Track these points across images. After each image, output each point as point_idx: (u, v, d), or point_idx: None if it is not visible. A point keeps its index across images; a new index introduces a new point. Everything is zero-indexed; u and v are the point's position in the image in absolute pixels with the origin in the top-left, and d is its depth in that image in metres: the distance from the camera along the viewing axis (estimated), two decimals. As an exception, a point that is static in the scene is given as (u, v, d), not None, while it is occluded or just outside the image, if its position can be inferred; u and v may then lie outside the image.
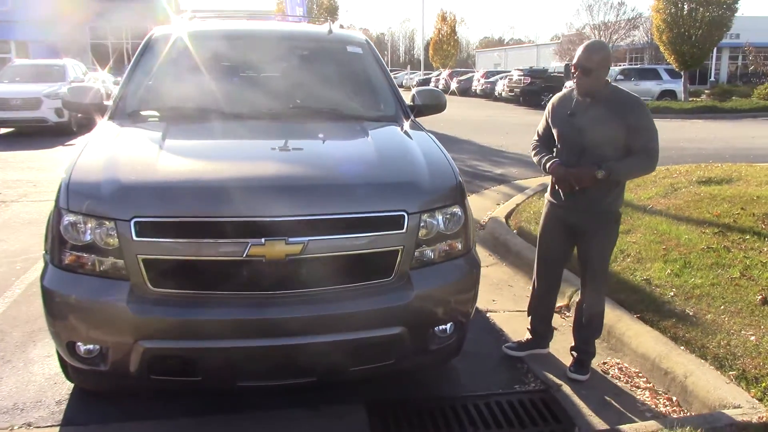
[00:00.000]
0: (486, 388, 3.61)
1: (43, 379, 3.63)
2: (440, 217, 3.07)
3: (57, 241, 2.86)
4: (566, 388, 3.61)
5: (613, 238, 3.61)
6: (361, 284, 2.92)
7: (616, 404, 3.46)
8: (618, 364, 3.88)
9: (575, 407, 3.43)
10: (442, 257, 3.10)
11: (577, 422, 3.30)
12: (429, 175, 3.13)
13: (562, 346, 4.03)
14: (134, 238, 2.71)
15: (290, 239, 2.74)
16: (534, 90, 28.08)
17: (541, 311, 3.88)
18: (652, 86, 26.64)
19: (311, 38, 4.66)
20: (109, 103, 4.05)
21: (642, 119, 3.38)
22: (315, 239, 2.78)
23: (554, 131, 3.57)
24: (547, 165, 3.50)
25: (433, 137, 3.68)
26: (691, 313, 4.05)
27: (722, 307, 4.10)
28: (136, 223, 2.71)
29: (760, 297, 4.15)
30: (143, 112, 3.85)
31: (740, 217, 5.94)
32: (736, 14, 24.10)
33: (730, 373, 3.39)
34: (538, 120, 3.81)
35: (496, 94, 33.13)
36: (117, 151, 3.13)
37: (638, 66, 31.38)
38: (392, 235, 2.92)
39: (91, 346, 2.89)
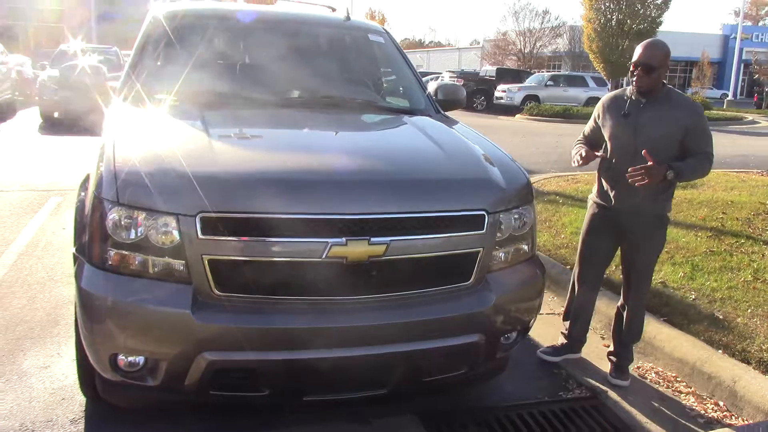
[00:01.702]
0: (532, 395, 3.46)
1: (47, 395, 3.20)
2: (513, 218, 2.89)
3: (98, 238, 2.49)
4: (612, 394, 3.51)
5: (662, 242, 3.54)
6: (440, 289, 2.70)
7: (665, 410, 3.40)
8: (653, 368, 3.83)
9: (628, 414, 3.34)
10: (514, 260, 2.93)
11: (634, 430, 3.20)
12: (501, 173, 2.95)
13: (589, 349, 3.95)
14: (199, 235, 2.38)
15: (373, 239, 2.49)
16: (466, 92, 28.39)
17: (582, 315, 3.77)
18: (580, 93, 27.46)
19: (330, 25, 4.37)
20: (116, 85, 3.66)
21: (701, 122, 3.32)
22: (397, 239, 2.55)
23: (605, 132, 3.46)
24: (582, 152, 3.45)
25: (480, 133, 3.51)
26: (720, 317, 4.05)
27: (749, 310, 4.13)
28: (202, 218, 2.38)
29: (784, 300, 4.22)
30: (160, 96, 3.48)
31: (726, 221, 6.09)
32: (659, 29, 25.22)
33: (779, 377, 3.39)
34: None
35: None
36: (161, 139, 2.76)
37: (567, 73, 32.28)
38: (472, 236, 2.72)
39: (136, 359, 2.54)
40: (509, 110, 25.20)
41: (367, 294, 2.57)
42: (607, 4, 24.41)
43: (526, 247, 2.99)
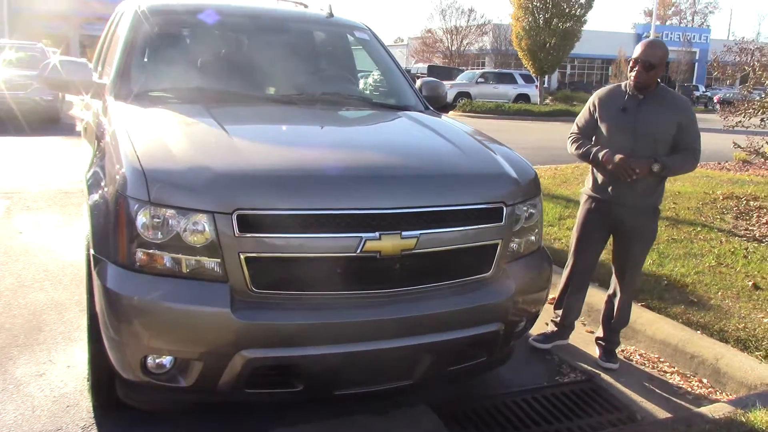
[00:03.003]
0: (532, 382, 3.59)
1: (50, 403, 3.08)
2: (525, 210, 3.00)
3: (125, 238, 2.42)
4: (605, 377, 3.69)
5: (655, 233, 3.72)
6: (464, 280, 2.78)
7: (656, 389, 3.59)
8: (636, 350, 4.03)
9: (623, 395, 3.52)
10: (526, 251, 3.04)
11: (633, 409, 3.38)
12: (513, 166, 3.05)
13: (573, 335, 4.11)
14: (236, 233, 2.37)
15: (404, 233, 2.54)
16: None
17: (576, 304, 3.92)
18: (509, 89, 28.24)
19: (314, 21, 4.35)
20: (103, 81, 3.56)
21: (692, 118, 3.52)
22: (426, 233, 2.60)
23: (602, 125, 3.59)
24: (600, 155, 3.50)
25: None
26: (695, 300, 4.31)
27: (719, 293, 4.41)
28: (239, 216, 2.37)
29: (751, 282, 4.52)
30: (154, 93, 3.40)
31: (678, 210, 6.45)
32: (583, 27, 26.21)
33: (757, 353, 3.64)
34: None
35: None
36: (179, 136, 2.71)
37: (497, 70, 33.10)
38: (492, 228, 2.81)
39: (165, 360, 2.50)
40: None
41: (398, 287, 2.61)
42: (534, 3, 25.14)
43: (534, 238, 3.11)
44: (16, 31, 30.43)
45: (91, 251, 2.61)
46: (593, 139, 3.68)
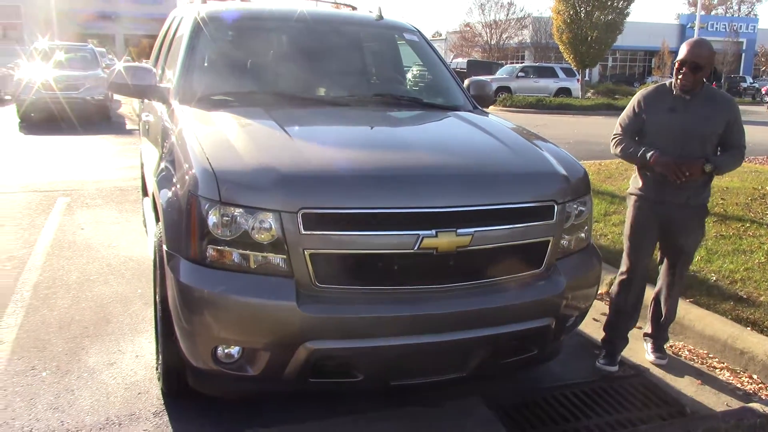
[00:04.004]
0: (581, 376, 3.66)
1: (122, 390, 3.28)
2: (575, 207, 3.07)
3: (197, 235, 2.58)
4: (655, 371, 3.73)
5: (704, 230, 3.74)
6: (516, 276, 2.87)
7: (705, 384, 3.62)
8: (685, 346, 4.06)
9: (674, 389, 3.56)
10: (576, 248, 3.11)
11: (682, 403, 3.42)
12: (563, 164, 3.12)
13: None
14: (302, 231, 2.50)
15: (459, 230, 2.65)
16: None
17: (638, 308, 3.83)
18: (550, 83, 27.95)
19: (365, 23, 4.48)
20: (167, 85, 3.74)
21: (739, 117, 3.52)
22: (480, 230, 2.70)
23: (649, 126, 3.57)
24: (648, 155, 3.51)
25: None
26: (744, 296, 4.32)
27: (769, 289, 4.41)
28: (303, 215, 2.50)
29: (800, 279, 4.50)
30: (215, 97, 3.56)
31: (727, 206, 6.40)
32: (626, 20, 25.85)
33: (808, 349, 3.64)
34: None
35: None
36: (244, 138, 2.86)
37: (537, 64, 32.82)
38: (543, 225, 2.89)
39: (233, 350, 2.66)
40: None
41: (453, 282, 2.72)
42: (575, -5, 24.94)
43: (584, 235, 3.18)
44: (64, 32, 31.49)
45: (164, 247, 2.78)
46: (637, 139, 3.68)
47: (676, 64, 3.49)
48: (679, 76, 3.47)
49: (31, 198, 7.26)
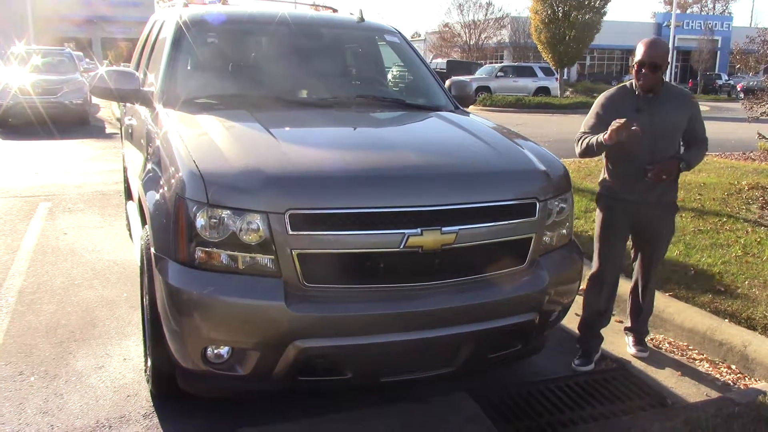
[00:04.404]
0: (565, 370, 3.73)
1: (111, 393, 3.29)
2: (556, 204, 3.14)
3: (185, 238, 2.61)
4: (636, 364, 3.82)
5: (674, 227, 3.84)
6: (500, 272, 2.93)
7: (685, 376, 3.71)
8: (665, 339, 4.15)
9: (654, 381, 3.64)
10: (558, 244, 3.18)
11: (663, 394, 3.50)
12: (544, 163, 3.18)
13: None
14: (289, 231, 2.54)
15: (444, 228, 2.70)
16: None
17: (611, 307, 3.89)
18: (529, 83, 28.19)
19: (347, 25, 4.53)
20: (150, 89, 3.75)
21: (698, 111, 3.62)
22: (464, 228, 2.76)
23: None
24: (603, 135, 3.39)
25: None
26: (722, 289, 4.42)
27: (746, 282, 4.51)
28: (291, 215, 2.54)
29: (776, 271, 4.62)
30: (199, 100, 3.58)
31: (704, 202, 6.53)
32: (603, 19, 26.12)
33: (785, 340, 3.75)
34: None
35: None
36: (230, 141, 2.89)
37: (516, 64, 33.06)
38: (526, 223, 2.96)
39: (222, 350, 2.69)
40: (462, 102, 25.70)
41: (439, 280, 2.77)
42: (553, -5, 25.16)
43: (565, 232, 3.25)
44: (41, 36, 31.18)
45: (152, 250, 2.80)
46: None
47: (635, 66, 3.50)
48: (640, 78, 3.49)
49: (12, 203, 7.21)
